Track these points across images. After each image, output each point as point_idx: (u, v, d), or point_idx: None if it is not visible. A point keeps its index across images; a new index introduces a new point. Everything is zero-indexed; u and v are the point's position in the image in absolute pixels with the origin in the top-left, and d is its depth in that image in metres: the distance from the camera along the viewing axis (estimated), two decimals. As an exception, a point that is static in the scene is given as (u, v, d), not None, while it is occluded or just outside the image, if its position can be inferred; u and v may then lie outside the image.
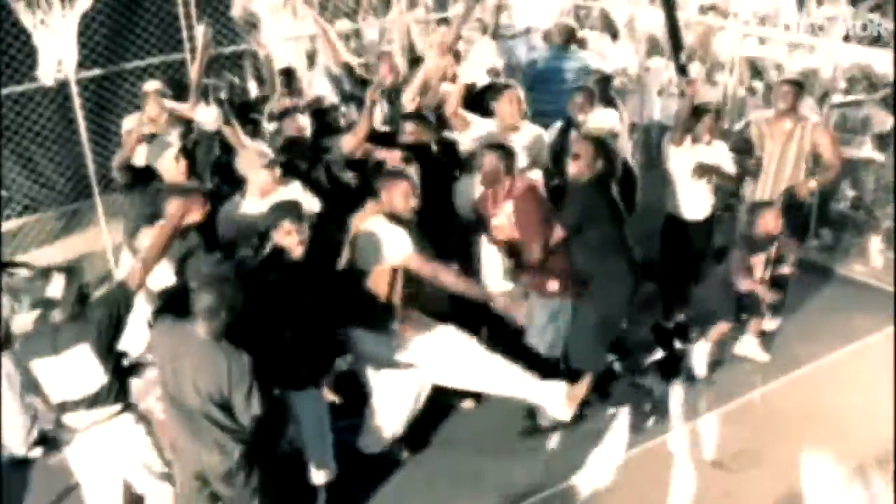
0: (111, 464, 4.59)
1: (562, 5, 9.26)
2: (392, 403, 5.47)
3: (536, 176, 6.00)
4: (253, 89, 8.17)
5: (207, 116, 6.04)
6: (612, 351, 6.25)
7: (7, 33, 7.48)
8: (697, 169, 6.29)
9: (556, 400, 5.43)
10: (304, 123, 6.25)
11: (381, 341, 5.25)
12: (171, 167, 5.72)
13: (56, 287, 4.33)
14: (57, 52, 6.28)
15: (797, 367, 6.42)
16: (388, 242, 5.07)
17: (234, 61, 8.44)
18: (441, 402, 5.78)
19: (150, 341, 4.54)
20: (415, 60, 7.77)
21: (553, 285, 5.55)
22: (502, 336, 5.87)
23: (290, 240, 4.81)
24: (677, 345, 6.71)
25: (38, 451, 5.90)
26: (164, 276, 4.85)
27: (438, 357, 5.34)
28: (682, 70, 7.62)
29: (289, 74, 7.81)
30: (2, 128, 8.01)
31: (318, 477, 5.23)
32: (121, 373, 4.49)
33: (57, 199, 8.63)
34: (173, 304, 4.52)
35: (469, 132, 6.29)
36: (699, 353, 6.37)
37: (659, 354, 6.66)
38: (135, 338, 4.66)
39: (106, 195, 7.35)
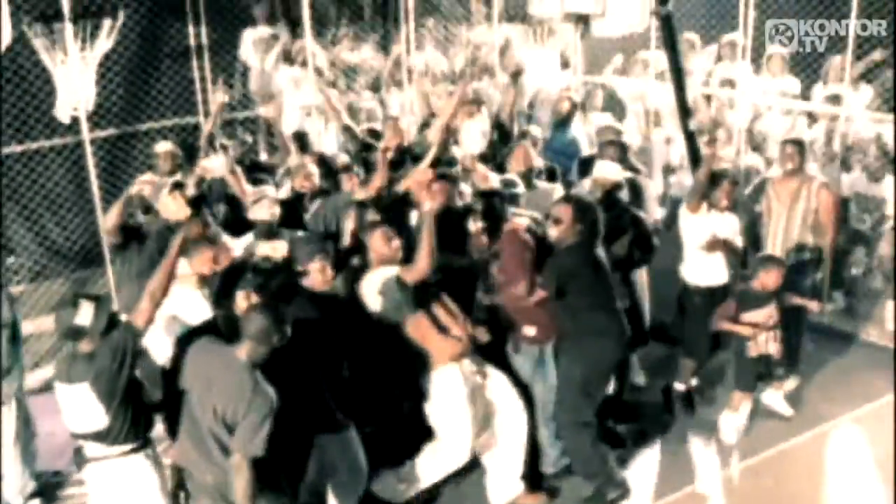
0: (119, 499, 4.45)
1: (568, 81, 9.43)
2: (439, 455, 5.35)
3: (523, 221, 6.00)
4: (263, 154, 8.24)
5: (216, 163, 6.27)
6: (619, 413, 6.22)
7: (25, 92, 7.60)
8: (710, 244, 6.29)
9: (508, 493, 5.42)
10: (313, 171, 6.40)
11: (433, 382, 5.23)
12: (170, 203, 5.75)
13: (85, 316, 4.24)
14: (75, 92, 6.35)
15: (817, 425, 6.36)
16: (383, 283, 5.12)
17: (247, 126, 8.53)
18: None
19: (185, 359, 4.41)
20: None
21: (530, 330, 5.50)
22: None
23: (321, 277, 4.85)
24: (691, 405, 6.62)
25: (35, 504, 5.74)
26: (187, 306, 4.85)
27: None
28: (690, 137, 7.73)
29: (301, 138, 7.93)
30: (10, 190, 8.00)
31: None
32: (131, 413, 4.34)
33: (65, 266, 8.50)
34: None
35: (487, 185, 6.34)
36: (727, 424, 6.25)
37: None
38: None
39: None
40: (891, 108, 7.84)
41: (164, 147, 7.30)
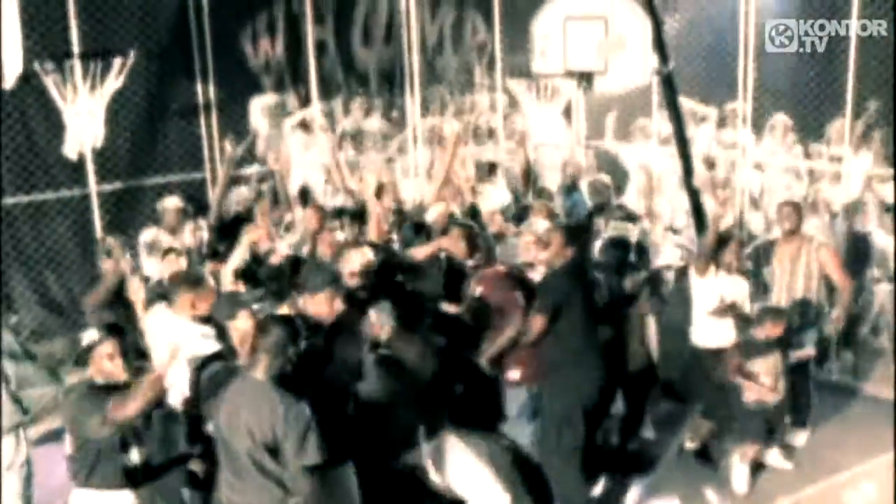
0: None
1: (572, 145, 9.54)
2: None
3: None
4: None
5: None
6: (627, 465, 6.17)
7: (33, 144, 7.67)
8: (719, 311, 6.28)
9: None
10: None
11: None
12: (165, 269, 5.89)
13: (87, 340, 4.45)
14: (84, 130, 6.43)
15: (827, 476, 6.28)
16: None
17: (252, 185, 8.58)
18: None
19: (201, 385, 4.44)
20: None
21: (514, 374, 5.49)
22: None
23: (327, 308, 4.85)
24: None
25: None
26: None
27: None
28: (694, 194, 7.77)
29: (305, 194, 8.01)
30: (15, 240, 7.98)
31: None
32: (97, 456, 4.35)
33: (63, 324, 8.37)
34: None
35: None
36: (738, 474, 6.16)
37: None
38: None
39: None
40: (889, 161, 7.89)
41: (171, 202, 7.37)
